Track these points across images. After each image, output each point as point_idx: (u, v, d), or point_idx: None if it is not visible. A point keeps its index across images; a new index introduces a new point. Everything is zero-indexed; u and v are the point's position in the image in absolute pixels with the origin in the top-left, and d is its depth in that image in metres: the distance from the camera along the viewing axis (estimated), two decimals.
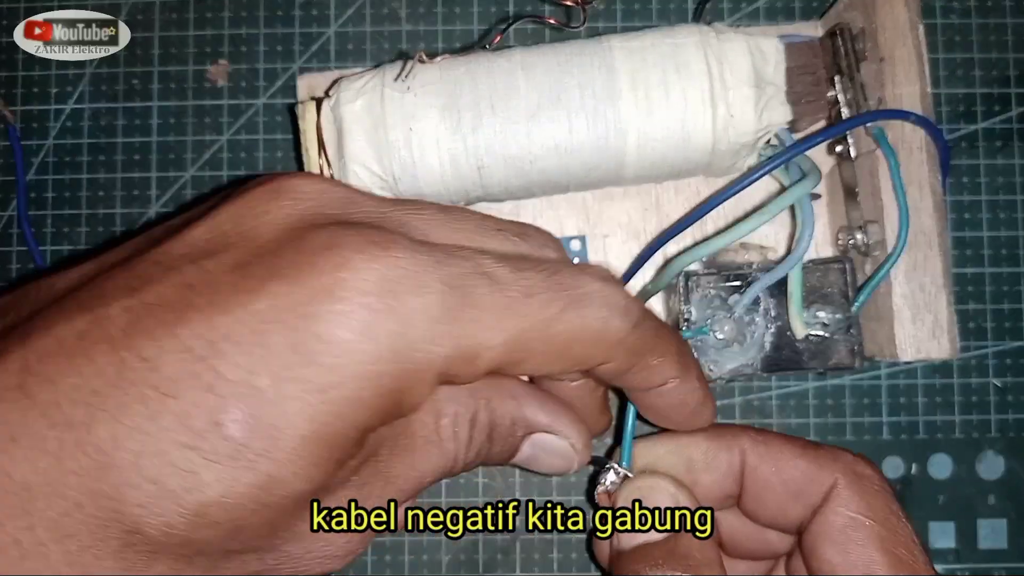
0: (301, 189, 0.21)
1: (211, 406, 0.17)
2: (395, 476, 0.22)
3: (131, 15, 0.37)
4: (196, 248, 0.20)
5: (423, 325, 0.19)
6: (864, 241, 0.30)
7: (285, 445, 0.18)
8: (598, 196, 0.34)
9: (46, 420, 0.17)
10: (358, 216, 0.21)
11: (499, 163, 0.30)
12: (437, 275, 0.19)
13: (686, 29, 0.30)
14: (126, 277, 0.19)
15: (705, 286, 0.30)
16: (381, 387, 0.19)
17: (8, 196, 0.37)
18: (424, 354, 0.19)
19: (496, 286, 0.20)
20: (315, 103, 0.30)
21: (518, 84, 0.30)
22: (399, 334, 0.19)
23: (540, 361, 0.21)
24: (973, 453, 0.35)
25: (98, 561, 0.17)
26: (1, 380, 0.17)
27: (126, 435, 0.17)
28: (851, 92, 0.30)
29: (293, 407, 0.18)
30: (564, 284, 0.21)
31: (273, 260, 0.19)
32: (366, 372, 0.18)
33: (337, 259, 0.18)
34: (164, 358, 0.18)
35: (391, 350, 0.19)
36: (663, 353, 0.24)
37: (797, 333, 0.29)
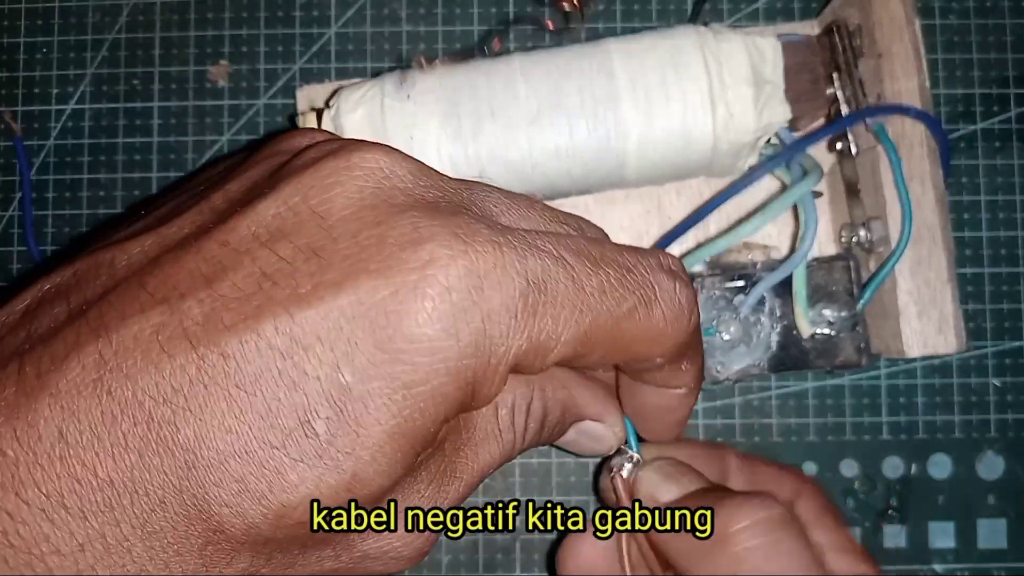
0: (371, 161, 0.20)
1: (297, 405, 0.17)
2: (460, 470, 0.22)
3: (131, 15, 0.37)
4: (266, 227, 0.19)
5: (504, 320, 0.19)
6: (867, 238, 0.30)
7: (369, 443, 0.18)
8: (600, 199, 0.34)
9: (128, 417, 0.17)
10: (432, 194, 0.20)
11: (500, 169, 0.30)
12: (519, 268, 0.19)
13: (684, 30, 0.30)
14: (196, 261, 0.18)
15: (710, 287, 0.30)
16: (461, 381, 0.19)
17: (9, 196, 0.37)
18: (503, 348, 0.19)
19: (574, 282, 0.20)
20: (315, 114, 0.30)
21: (517, 90, 0.30)
22: (481, 330, 0.18)
23: (601, 355, 0.21)
24: (973, 453, 0.35)
25: (180, 557, 0.17)
26: (80, 375, 0.17)
27: (212, 434, 0.17)
28: (850, 89, 0.30)
29: (378, 404, 0.18)
30: (639, 281, 0.21)
31: (354, 249, 0.18)
32: (449, 368, 0.18)
33: (423, 254, 0.18)
34: (246, 355, 0.17)
35: (473, 345, 0.18)
36: (694, 360, 0.24)
37: (803, 332, 0.29)
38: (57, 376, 0.17)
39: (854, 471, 0.35)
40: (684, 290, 0.22)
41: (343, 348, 0.18)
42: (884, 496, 0.35)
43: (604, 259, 0.21)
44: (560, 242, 0.20)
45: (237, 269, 0.18)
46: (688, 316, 0.22)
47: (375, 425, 0.18)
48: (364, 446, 0.18)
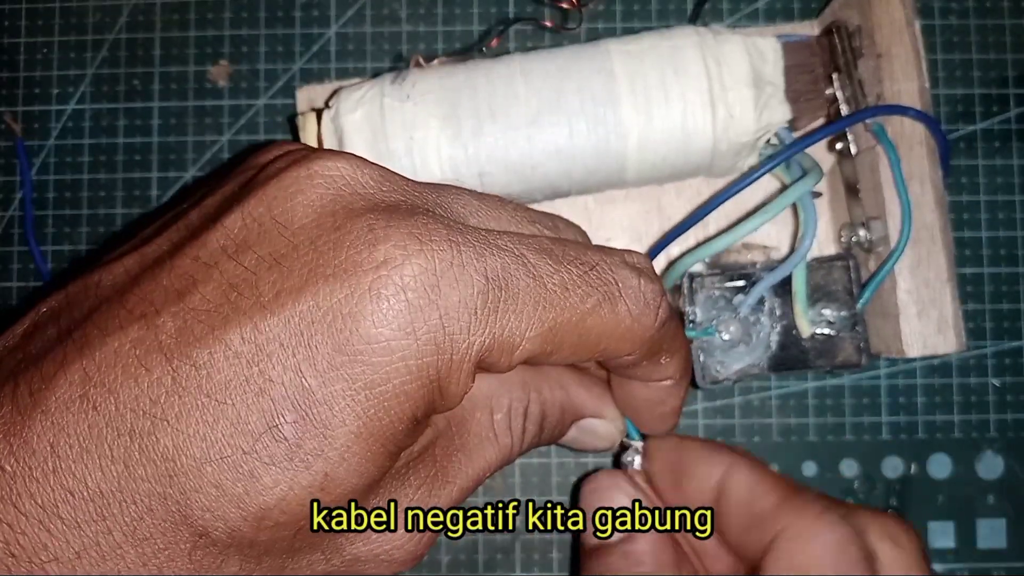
0: (332, 168, 0.20)
1: (264, 410, 0.18)
2: (453, 475, 0.23)
3: (132, 15, 0.37)
4: (233, 240, 0.20)
5: (464, 317, 0.19)
6: (867, 237, 0.30)
7: (337, 443, 0.18)
8: (600, 199, 0.34)
9: (112, 430, 0.18)
10: (393, 198, 0.20)
11: (500, 169, 0.30)
12: (478, 267, 0.19)
13: (683, 31, 0.30)
14: (170, 278, 0.19)
15: (709, 287, 0.30)
16: (424, 379, 0.19)
17: (9, 196, 0.37)
18: (464, 345, 0.19)
19: (535, 279, 0.20)
20: (315, 114, 0.30)
21: (517, 90, 0.30)
22: (439, 327, 0.19)
23: (569, 352, 0.21)
24: (972, 453, 0.35)
25: (171, 562, 0.18)
26: (66, 391, 0.18)
27: (188, 442, 0.18)
28: (849, 89, 0.30)
29: (341, 405, 0.18)
30: (602, 278, 0.21)
31: (312, 255, 0.19)
32: (409, 367, 0.19)
33: (378, 255, 0.19)
34: (215, 365, 0.18)
35: (432, 343, 0.19)
36: (674, 352, 0.24)
37: (803, 332, 0.29)
38: (48, 393, 0.18)
39: (854, 471, 0.35)
40: (649, 286, 0.22)
41: (304, 352, 0.18)
42: (884, 496, 0.35)
43: (566, 257, 0.21)
44: (522, 241, 0.21)
45: (207, 282, 0.19)
46: (654, 311, 0.22)
47: (341, 426, 0.18)
48: (332, 447, 0.18)
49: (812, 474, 0.35)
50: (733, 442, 0.35)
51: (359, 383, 0.18)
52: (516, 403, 0.24)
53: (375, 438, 0.19)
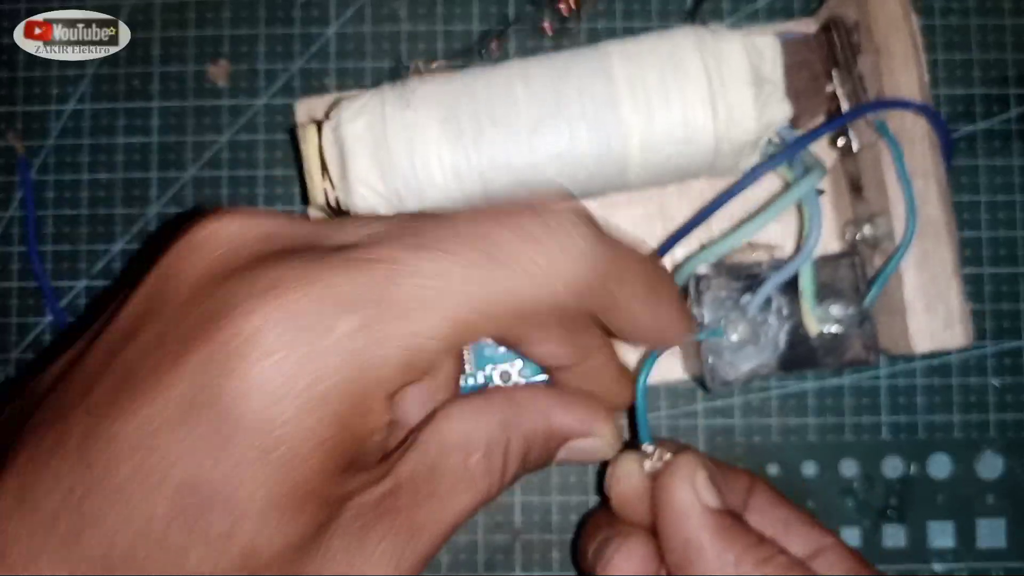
0: (215, 235, 0.20)
1: (167, 500, 0.18)
2: (424, 524, 0.21)
3: (131, 15, 0.37)
4: (131, 322, 0.20)
5: (345, 355, 0.18)
6: (872, 234, 0.30)
7: (247, 517, 0.18)
8: (602, 204, 0.34)
9: (50, 533, 0.18)
10: (277, 246, 0.20)
11: (502, 175, 0.30)
12: (343, 300, 0.18)
13: (682, 32, 0.30)
14: (82, 377, 0.19)
15: (716, 288, 0.29)
16: (324, 432, 0.18)
17: (9, 196, 0.37)
18: (360, 381, 0.18)
19: (410, 278, 0.19)
20: (315, 126, 0.30)
21: (517, 95, 0.30)
22: (321, 378, 0.18)
23: (498, 325, 0.20)
24: (972, 453, 0.35)
25: None
26: (4, 501, 0.18)
27: (109, 537, 0.18)
28: (849, 85, 0.30)
29: (240, 479, 0.18)
30: (495, 241, 0.20)
31: (186, 329, 0.18)
32: (300, 430, 0.18)
33: (237, 321, 0.18)
34: (118, 462, 0.18)
35: (319, 398, 0.18)
36: (635, 287, 0.23)
37: (811, 330, 0.29)
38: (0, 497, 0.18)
39: (854, 471, 0.35)
40: (563, 225, 0.20)
41: (190, 435, 0.18)
42: (884, 496, 0.35)
43: (444, 240, 0.20)
44: (392, 244, 0.20)
45: (107, 372, 0.19)
46: (576, 245, 0.20)
47: (247, 500, 0.18)
48: (243, 522, 0.18)
49: (812, 474, 0.35)
50: (733, 442, 0.35)
51: (252, 454, 0.18)
52: (495, 443, 0.22)
53: (287, 499, 0.18)
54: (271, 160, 0.37)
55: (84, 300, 0.36)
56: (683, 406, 0.36)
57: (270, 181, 0.36)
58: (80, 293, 0.36)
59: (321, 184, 0.30)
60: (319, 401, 0.18)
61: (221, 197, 0.36)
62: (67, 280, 0.36)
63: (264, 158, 0.37)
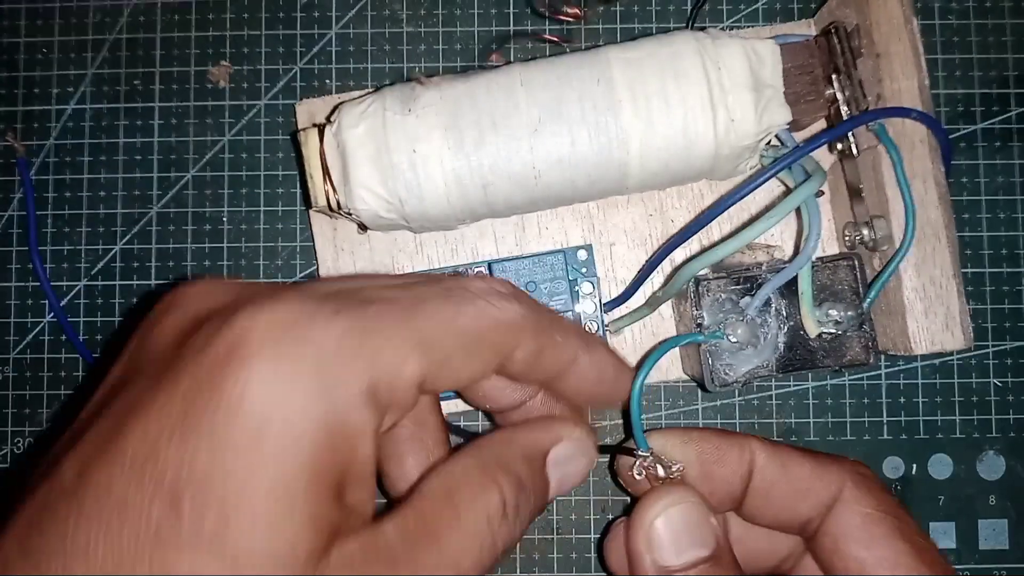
0: (188, 295, 0.22)
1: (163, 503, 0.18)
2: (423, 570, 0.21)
3: (132, 15, 0.37)
4: (116, 382, 0.21)
5: (333, 351, 0.20)
6: (871, 236, 0.30)
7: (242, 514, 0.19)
8: (602, 205, 0.34)
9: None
10: (246, 295, 0.22)
11: (503, 180, 0.30)
12: (331, 308, 0.20)
13: (681, 36, 0.30)
14: (71, 432, 0.21)
15: (715, 290, 0.29)
16: (313, 427, 0.19)
17: (8, 196, 0.37)
18: (343, 383, 0.20)
19: (387, 304, 0.21)
20: (317, 130, 0.30)
21: (518, 100, 0.30)
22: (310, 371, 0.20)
23: (462, 360, 0.22)
24: (973, 453, 0.35)
25: None
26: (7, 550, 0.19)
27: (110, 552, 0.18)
28: (849, 89, 0.30)
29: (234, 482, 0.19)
30: (451, 288, 0.23)
31: (171, 365, 0.20)
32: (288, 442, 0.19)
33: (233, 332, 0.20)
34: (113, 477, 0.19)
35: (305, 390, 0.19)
36: (564, 330, 0.25)
37: (810, 332, 0.29)
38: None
39: None
40: (499, 284, 0.25)
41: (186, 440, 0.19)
42: None
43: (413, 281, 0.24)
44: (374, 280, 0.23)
45: (96, 421, 0.20)
46: (515, 300, 0.24)
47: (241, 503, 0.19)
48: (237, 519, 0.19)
49: None
50: None
51: (243, 462, 0.19)
52: (477, 483, 0.23)
53: (279, 508, 0.19)
54: (271, 160, 0.37)
55: (84, 300, 0.36)
56: (683, 406, 0.36)
57: (270, 181, 0.36)
58: (80, 293, 0.36)
59: (323, 187, 0.30)
60: (302, 416, 0.19)
61: (222, 197, 0.36)
62: (67, 280, 0.36)
63: (265, 158, 0.37)
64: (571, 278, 0.33)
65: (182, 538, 0.18)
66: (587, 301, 0.33)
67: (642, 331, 0.34)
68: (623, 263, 0.34)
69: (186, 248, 0.36)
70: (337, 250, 0.34)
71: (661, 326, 0.34)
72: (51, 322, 0.36)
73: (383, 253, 0.34)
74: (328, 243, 0.34)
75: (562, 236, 0.34)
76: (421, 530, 0.21)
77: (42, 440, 0.36)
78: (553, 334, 0.25)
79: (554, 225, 0.34)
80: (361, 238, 0.34)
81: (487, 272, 0.33)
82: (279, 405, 0.19)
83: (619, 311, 0.34)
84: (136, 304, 0.37)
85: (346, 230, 0.34)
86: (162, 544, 0.18)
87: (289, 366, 0.19)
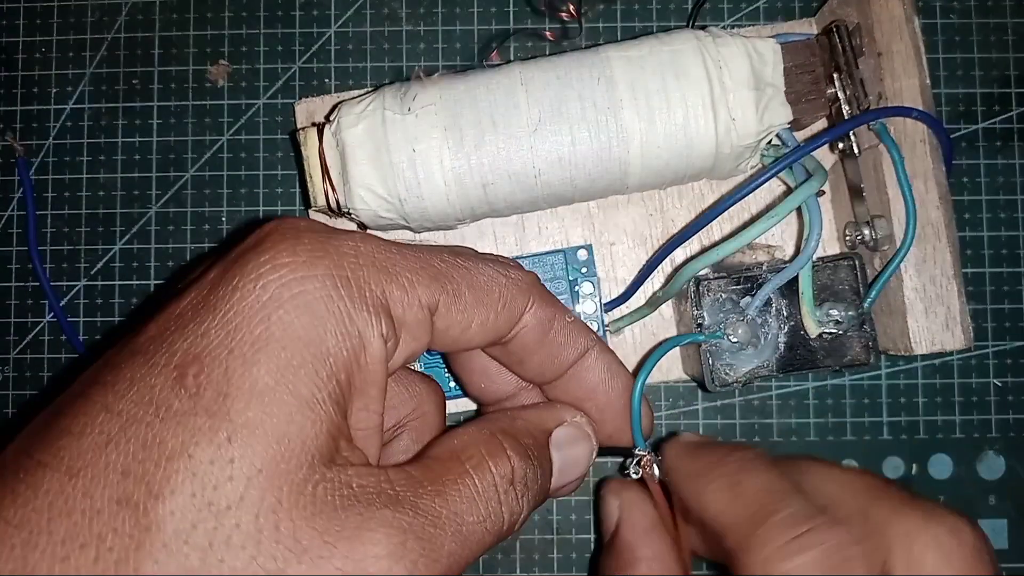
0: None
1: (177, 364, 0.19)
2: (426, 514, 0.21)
3: (131, 15, 0.37)
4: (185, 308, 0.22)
5: (346, 258, 0.21)
6: (872, 236, 0.30)
7: (243, 391, 0.19)
8: (602, 204, 0.34)
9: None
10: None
11: (504, 180, 0.30)
12: (349, 237, 0.22)
13: (683, 35, 0.30)
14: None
15: (716, 290, 0.29)
16: (321, 336, 0.20)
17: (8, 196, 0.37)
18: (355, 299, 0.21)
19: (409, 247, 0.23)
20: (316, 129, 0.30)
21: (518, 99, 0.30)
22: (333, 293, 0.20)
23: (473, 301, 0.23)
24: (973, 453, 0.35)
25: None
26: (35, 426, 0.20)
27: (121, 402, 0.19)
28: (850, 88, 0.30)
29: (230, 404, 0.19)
30: (463, 253, 0.24)
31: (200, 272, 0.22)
32: (313, 309, 0.20)
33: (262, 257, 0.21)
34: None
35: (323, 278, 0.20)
36: (576, 319, 0.26)
37: (810, 332, 0.29)
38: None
39: None
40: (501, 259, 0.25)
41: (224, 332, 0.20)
42: None
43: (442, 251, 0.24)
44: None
45: None
46: (518, 268, 0.25)
47: (245, 375, 0.19)
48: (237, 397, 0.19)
49: None
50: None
51: (250, 333, 0.19)
52: (484, 441, 0.23)
53: (283, 380, 0.19)
54: (271, 160, 0.37)
55: (84, 300, 0.36)
56: (683, 406, 0.36)
57: (269, 181, 0.36)
58: (80, 293, 0.36)
59: (322, 186, 0.30)
60: (313, 301, 0.20)
61: (221, 197, 0.36)
62: (67, 280, 0.36)
63: (264, 158, 0.37)
64: (571, 278, 0.33)
65: (183, 408, 0.18)
66: (587, 301, 0.33)
67: (642, 331, 0.34)
68: (623, 263, 0.34)
69: (185, 248, 0.36)
70: None
71: (661, 326, 0.34)
72: (51, 322, 0.36)
73: None
74: None
75: (562, 236, 0.34)
76: (427, 478, 0.21)
77: None
78: (564, 312, 0.25)
79: (554, 225, 0.34)
80: None
81: None
82: (290, 289, 0.20)
83: (619, 311, 0.34)
84: (137, 304, 0.37)
85: None
86: (162, 415, 0.18)
87: (306, 257, 0.20)
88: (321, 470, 0.19)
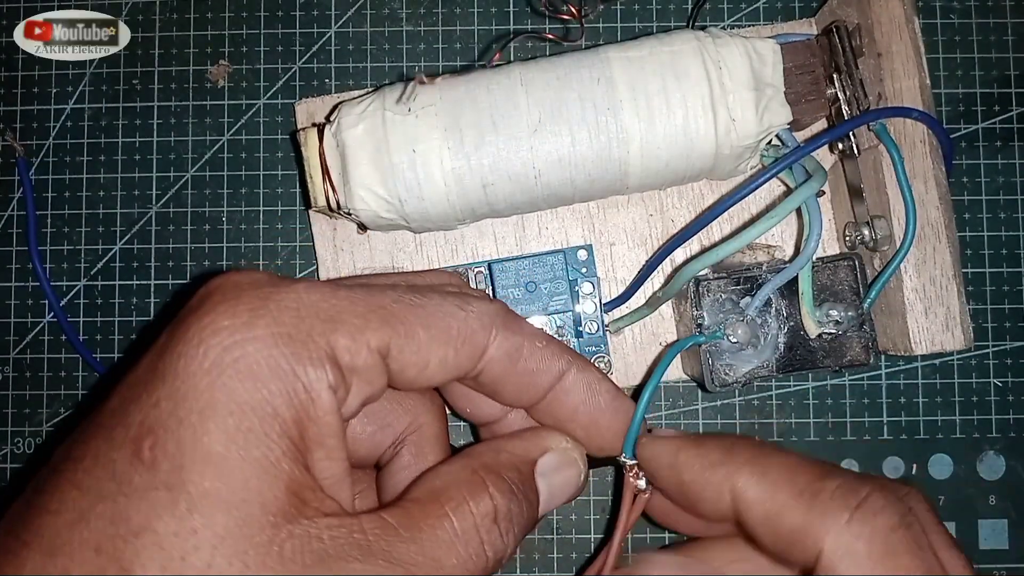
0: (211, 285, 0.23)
1: (133, 449, 0.19)
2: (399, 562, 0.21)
3: (131, 15, 0.37)
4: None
5: (302, 320, 0.21)
6: (871, 236, 0.30)
7: (197, 455, 0.19)
8: (602, 204, 0.34)
9: None
10: None
11: (504, 180, 0.30)
12: (291, 288, 0.21)
13: (682, 36, 0.30)
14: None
15: (716, 290, 0.29)
16: (269, 395, 0.20)
17: (8, 196, 0.37)
18: (301, 353, 0.20)
19: (357, 286, 0.22)
20: (316, 129, 0.30)
21: (518, 100, 0.30)
22: (276, 349, 0.20)
23: (427, 339, 0.23)
24: (974, 453, 0.35)
25: None
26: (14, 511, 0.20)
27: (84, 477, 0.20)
28: (850, 89, 0.30)
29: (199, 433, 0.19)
30: (419, 286, 0.25)
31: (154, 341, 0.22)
32: (262, 362, 0.20)
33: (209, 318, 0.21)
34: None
35: (276, 340, 0.20)
36: (550, 340, 0.25)
37: (810, 332, 0.29)
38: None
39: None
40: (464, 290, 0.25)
41: (151, 400, 0.20)
42: None
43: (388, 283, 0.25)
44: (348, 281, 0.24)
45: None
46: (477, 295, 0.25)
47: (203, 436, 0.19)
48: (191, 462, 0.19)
49: None
50: None
51: (199, 400, 0.19)
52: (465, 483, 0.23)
53: (235, 444, 0.19)
54: (271, 160, 0.37)
55: (84, 300, 0.36)
56: (683, 406, 0.36)
57: (269, 181, 0.36)
58: (80, 293, 0.36)
59: (322, 186, 0.30)
60: (256, 360, 0.20)
61: (221, 197, 0.36)
62: (67, 280, 0.36)
63: (264, 158, 0.37)
64: (571, 278, 0.33)
65: (143, 482, 0.19)
66: (587, 301, 0.33)
67: (642, 331, 0.34)
68: (623, 263, 0.34)
69: (185, 248, 0.36)
70: (337, 250, 0.34)
71: (661, 326, 0.34)
72: (51, 322, 0.36)
73: (383, 253, 0.34)
74: (328, 243, 0.34)
75: (562, 236, 0.34)
76: (402, 524, 0.21)
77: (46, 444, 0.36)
78: (533, 339, 0.25)
79: (554, 225, 0.34)
80: (361, 238, 0.34)
81: (487, 272, 0.33)
82: (231, 353, 0.20)
83: (619, 311, 0.34)
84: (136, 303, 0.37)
85: (346, 230, 0.34)
86: (125, 490, 0.19)
87: (246, 318, 0.20)
88: (287, 528, 0.19)
